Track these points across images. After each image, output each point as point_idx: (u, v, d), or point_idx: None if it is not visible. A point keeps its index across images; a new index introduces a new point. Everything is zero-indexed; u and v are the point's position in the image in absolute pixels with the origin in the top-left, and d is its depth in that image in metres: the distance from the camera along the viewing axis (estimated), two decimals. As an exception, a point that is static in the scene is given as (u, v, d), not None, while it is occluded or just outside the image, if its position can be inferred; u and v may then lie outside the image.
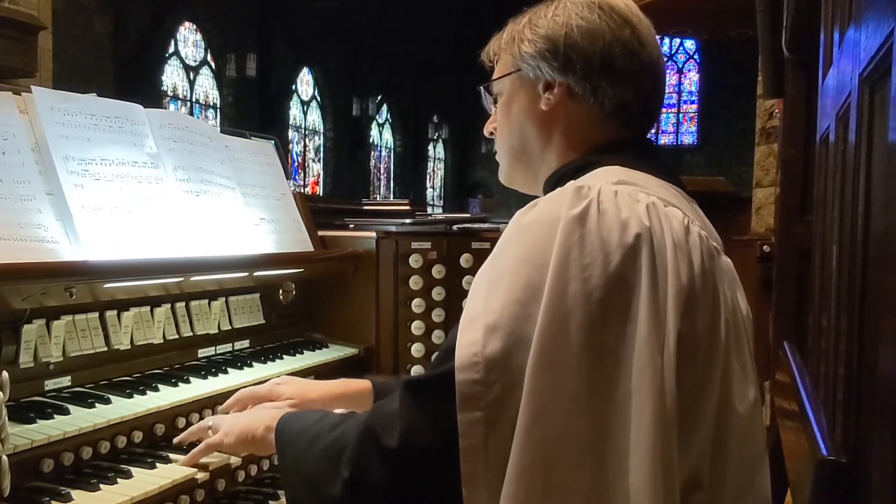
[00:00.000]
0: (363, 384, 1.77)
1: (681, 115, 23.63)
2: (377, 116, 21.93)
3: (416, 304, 2.40)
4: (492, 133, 1.44)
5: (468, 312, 1.12)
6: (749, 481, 1.22)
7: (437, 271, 2.40)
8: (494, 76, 1.41)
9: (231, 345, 2.12)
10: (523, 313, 1.07)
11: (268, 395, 1.71)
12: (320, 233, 2.47)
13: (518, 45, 1.33)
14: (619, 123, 1.31)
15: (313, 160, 19.75)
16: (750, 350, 1.23)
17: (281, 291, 2.31)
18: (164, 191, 1.89)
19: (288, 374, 2.05)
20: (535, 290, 1.07)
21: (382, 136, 22.82)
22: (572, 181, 1.18)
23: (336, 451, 1.22)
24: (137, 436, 1.63)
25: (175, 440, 1.64)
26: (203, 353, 2.02)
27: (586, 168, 1.26)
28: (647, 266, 1.07)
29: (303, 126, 19.26)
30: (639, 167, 1.24)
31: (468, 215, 2.74)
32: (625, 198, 1.12)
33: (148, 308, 1.84)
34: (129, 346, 1.79)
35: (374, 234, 2.43)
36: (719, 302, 1.15)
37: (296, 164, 18.78)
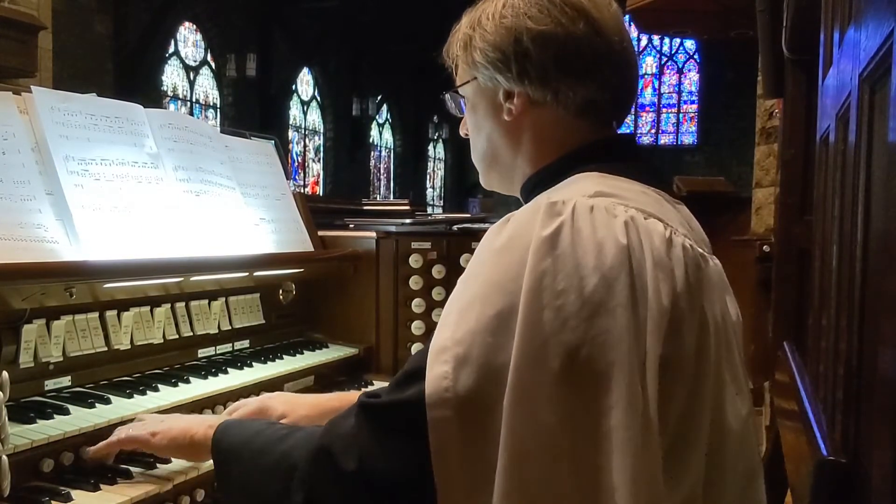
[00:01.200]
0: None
1: (681, 115, 23.61)
2: (377, 116, 21.92)
3: (416, 304, 2.40)
4: (466, 135, 1.38)
5: (437, 340, 1.06)
6: (743, 496, 1.18)
7: (437, 271, 2.40)
8: (457, 83, 1.33)
9: (231, 345, 2.12)
10: (494, 343, 1.01)
11: (258, 409, 1.63)
12: (320, 233, 2.47)
13: (471, 52, 1.25)
14: (589, 122, 1.23)
15: (313, 160, 19.74)
16: (741, 359, 1.18)
17: (281, 291, 2.31)
18: (164, 191, 1.89)
19: (288, 374, 2.06)
20: (507, 318, 1.01)
21: (382, 136, 22.81)
22: (547, 194, 1.12)
23: (285, 470, 1.15)
24: (137, 436, 1.62)
25: (90, 450, 1.49)
26: (203, 353, 2.02)
27: (561, 175, 1.19)
28: (626, 289, 1.01)
29: (303, 126, 19.25)
30: (618, 171, 1.17)
31: (468, 215, 2.74)
32: (601, 214, 1.05)
33: (148, 308, 1.84)
34: (129, 346, 1.79)
35: (374, 234, 2.43)
36: (706, 318, 1.08)
37: (296, 164, 18.77)
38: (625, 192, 1.11)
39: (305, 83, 19.20)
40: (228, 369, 1.94)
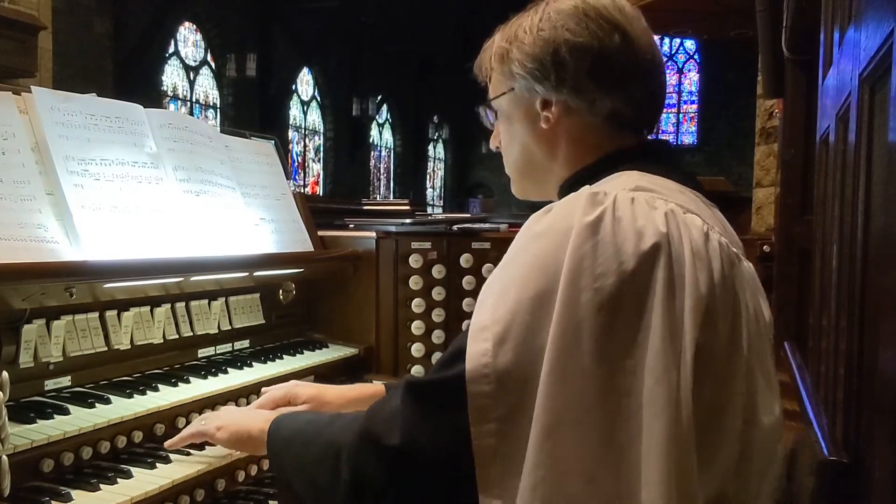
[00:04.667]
0: (378, 388, 1.78)
1: (681, 115, 23.62)
2: (377, 116, 21.91)
3: (416, 304, 2.40)
4: (497, 147, 1.42)
5: (477, 319, 1.10)
6: (770, 499, 1.20)
7: (437, 271, 2.40)
8: (490, 95, 1.38)
9: (231, 345, 2.12)
10: (534, 323, 1.05)
11: (285, 396, 1.71)
12: (320, 233, 2.47)
13: (508, 65, 1.30)
14: (624, 129, 1.29)
15: (313, 160, 19.74)
16: (772, 360, 1.20)
17: (281, 291, 2.31)
18: (164, 191, 1.89)
19: (288, 374, 2.06)
20: (546, 299, 1.05)
21: (382, 136, 22.81)
22: (587, 186, 1.15)
23: (333, 453, 1.21)
24: (137, 436, 1.62)
25: (166, 444, 1.63)
26: (203, 353, 2.02)
27: (601, 174, 1.23)
28: (664, 275, 1.04)
29: (303, 126, 19.26)
30: (656, 171, 1.21)
31: (468, 215, 2.74)
32: (641, 205, 1.09)
33: (148, 308, 1.84)
34: (129, 346, 1.79)
35: (374, 234, 2.43)
36: (740, 312, 1.11)
37: (296, 164, 18.77)
38: (663, 189, 1.15)
39: (305, 83, 19.21)
40: (228, 369, 1.94)
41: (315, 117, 19.73)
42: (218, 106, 16.40)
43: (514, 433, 1.05)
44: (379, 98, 21.38)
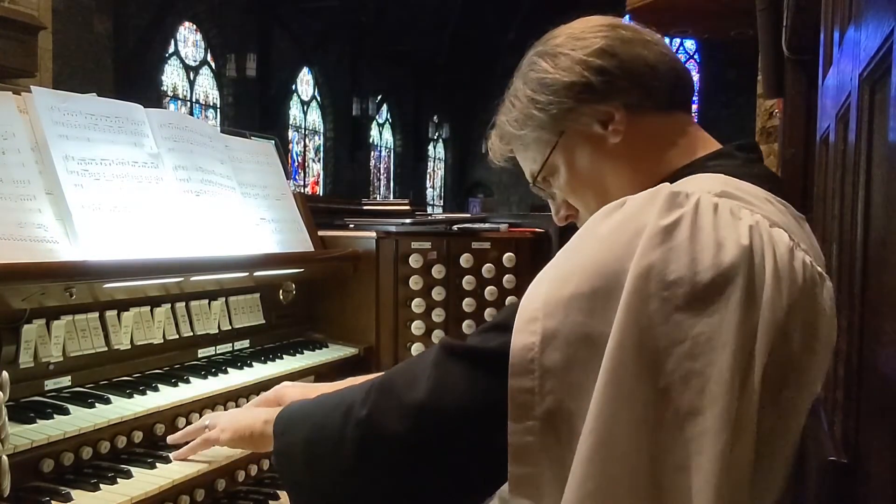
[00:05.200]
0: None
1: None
2: (377, 116, 21.91)
3: (416, 304, 2.40)
4: (569, 218, 1.35)
5: (527, 307, 1.03)
6: None
7: (437, 271, 2.40)
8: (535, 167, 1.31)
9: (231, 345, 2.12)
10: (587, 324, 0.98)
11: (276, 398, 1.67)
12: (320, 233, 2.47)
13: (539, 116, 1.25)
14: (681, 108, 1.27)
15: (313, 160, 19.74)
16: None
17: (281, 291, 2.31)
18: (164, 191, 1.89)
19: (288, 374, 2.06)
20: (605, 300, 0.98)
21: (382, 136, 22.81)
22: (667, 184, 1.07)
23: (344, 408, 1.16)
24: (137, 436, 1.62)
25: (169, 438, 1.64)
26: (203, 353, 2.02)
27: (686, 173, 1.17)
28: (741, 292, 0.96)
29: (303, 126, 19.25)
30: (745, 176, 1.13)
31: (468, 215, 2.74)
32: (725, 214, 1.01)
33: (148, 308, 1.84)
34: (129, 346, 1.79)
35: (374, 234, 2.43)
36: (816, 337, 1.03)
37: (296, 164, 18.77)
38: (751, 198, 1.07)
39: (305, 83, 19.21)
40: (228, 369, 1.94)
41: (315, 117, 19.73)
42: (218, 106, 16.40)
43: (555, 436, 1.00)
44: (379, 98, 21.37)
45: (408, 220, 2.57)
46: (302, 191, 15.96)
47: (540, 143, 1.29)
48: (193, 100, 15.83)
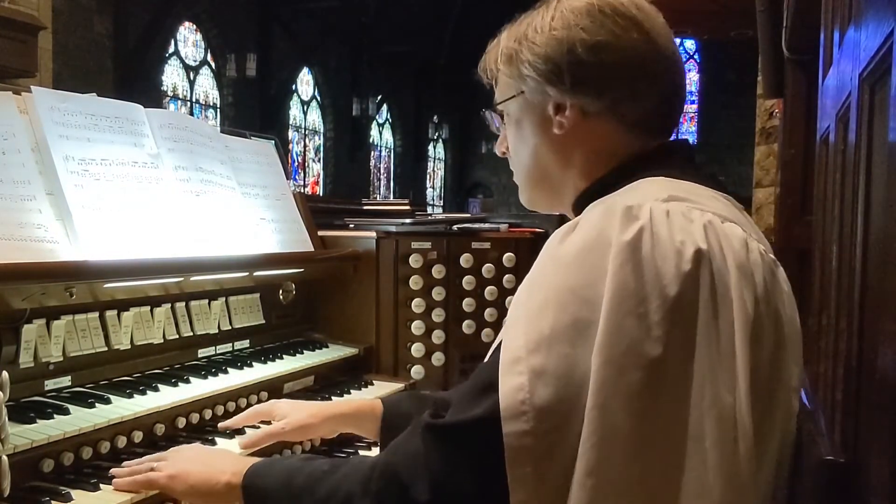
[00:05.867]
0: (372, 406, 1.66)
1: (681, 115, 23.63)
2: (377, 116, 21.90)
3: (416, 304, 2.40)
4: (504, 153, 1.34)
5: (508, 349, 1.02)
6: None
7: (437, 271, 2.40)
8: (497, 98, 1.29)
9: (231, 345, 2.12)
10: (572, 353, 0.98)
11: (269, 412, 1.66)
12: (320, 233, 2.47)
13: (517, 66, 1.21)
14: (644, 132, 1.20)
15: (313, 160, 19.73)
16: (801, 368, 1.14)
17: (281, 291, 2.32)
18: (164, 191, 1.89)
19: (288, 374, 2.06)
20: (584, 326, 0.98)
21: (382, 136, 22.81)
22: (615, 197, 1.08)
23: (343, 495, 1.11)
24: (137, 436, 1.62)
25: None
26: (203, 353, 2.02)
27: (622, 182, 1.15)
28: (707, 295, 0.98)
29: (303, 126, 19.25)
30: (682, 176, 1.14)
31: (468, 215, 2.74)
32: (678, 219, 1.02)
33: (148, 308, 1.84)
34: (129, 346, 1.79)
35: (374, 234, 2.43)
36: (782, 324, 1.05)
37: (296, 164, 18.76)
38: (697, 197, 1.08)
39: (305, 83, 19.20)
40: (228, 369, 1.94)
41: (315, 117, 19.72)
42: (218, 106, 16.39)
43: (555, 470, 0.99)
44: (379, 98, 21.36)
45: (408, 220, 2.57)
46: (302, 191, 15.95)
47: (506, 86, 1.27)
48: (193, 100, 15.82)
